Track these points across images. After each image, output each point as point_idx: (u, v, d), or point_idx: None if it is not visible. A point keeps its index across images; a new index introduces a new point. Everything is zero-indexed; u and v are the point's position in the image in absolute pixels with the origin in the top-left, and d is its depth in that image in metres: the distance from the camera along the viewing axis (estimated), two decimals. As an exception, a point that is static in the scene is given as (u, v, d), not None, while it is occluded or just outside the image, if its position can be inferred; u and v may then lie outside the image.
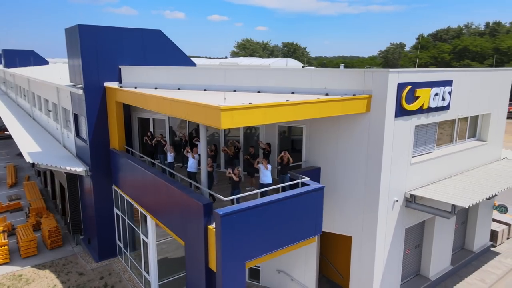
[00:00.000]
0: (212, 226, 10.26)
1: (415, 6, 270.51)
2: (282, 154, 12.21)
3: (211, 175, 12.18)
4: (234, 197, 10.50)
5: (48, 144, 21.36)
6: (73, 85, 17.59)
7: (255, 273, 15.92)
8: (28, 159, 17.40)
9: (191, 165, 12.84)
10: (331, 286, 15.99)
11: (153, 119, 16.65)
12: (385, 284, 13.99)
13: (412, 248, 15.77)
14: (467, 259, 18.25)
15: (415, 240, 15.90)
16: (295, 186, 11.95)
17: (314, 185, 11.64)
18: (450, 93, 14.27)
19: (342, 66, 24.02)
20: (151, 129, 16.70)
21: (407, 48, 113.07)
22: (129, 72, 16.48)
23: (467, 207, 12.36)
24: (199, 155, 13.30)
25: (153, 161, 15.12)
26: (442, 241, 16.57)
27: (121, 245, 17.47)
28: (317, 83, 13.08)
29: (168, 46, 17.81)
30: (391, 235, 13.69)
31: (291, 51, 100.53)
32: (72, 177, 19.09)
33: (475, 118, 17.18)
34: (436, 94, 13.71)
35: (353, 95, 12.31)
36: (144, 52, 17.13)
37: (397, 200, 13.51)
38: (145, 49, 17.15)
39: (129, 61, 16.76)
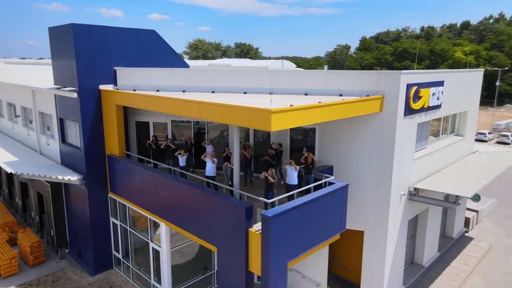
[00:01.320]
0: (254, 229, 10.22)
1: (351, 10, 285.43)
2: (306, 154, 12.44)
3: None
4: (277, 198, 10.53)
5: (21, 152, 19.62)
6: (58, 88, 16.42)
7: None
8: (9, 169, 15.92)
9: (210, 169, 12.62)
10: (338, 280, 16.55)
11: (153, 123, 16.02)
12: (393, 275, 14.79)
13: (409, 238, 16.82)
14: (450, 245, 19.85)
15: (411, 230, 16.99)
16: (319, 185, 12.24)
17: (339, 183, 12.05)
18: (442, 92, 15.45)
19: (326, 67, 24.66)
20: (151, 133, 16.06)
21: (352, 50, 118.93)
22: (125, 74, 15.71)
23: (470, 196, 13.52)
24: (217, 158, 13.13)
25: (167, 165, 14.60)
26: (433, 230, 17.87)
27: (120, 255, 16.59)
28: (330, 84, 13.47)
29: (163, 47, 17.24)
30: (398, 227, 14.52)
31: (244, 51, 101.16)
32: (57, 187, 17.75)
33: (454, 116, 18.72)
34: (434, 94, 14.78)
35: (367, 95, 12.89)
36: (139, 53, 16.42)
37: (403, 194, 14.37)
38: (140, 50, 16.45)
39: (124, 63, 15.97)
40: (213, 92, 14.54)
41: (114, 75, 15.79)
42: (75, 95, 14.90)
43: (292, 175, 11.77)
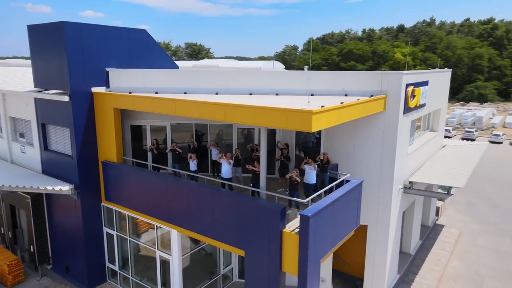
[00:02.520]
0: (288, 230, 10.29)
1: (289, 11, 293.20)
2: (322, 154, 12.73)
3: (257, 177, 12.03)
4: (312, 197, 10.66)
5: (-12, 162, 17.77)
6: (39, 91, 15.17)
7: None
8: (-14, 181, 14.38)
9: (227, 171, 12.44)
10: (337, 275, 17.08)
11: (151, 126, 15.34)
12: (391, 264, 15.63)
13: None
14: (427, 233, 21.36)
15: (402, 222, 18.03)
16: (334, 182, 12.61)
17: (355, 181, 12.50)
18: (427, 91, 16.60)
19: (306, 68, 25.30)
20: (148, 137, 15.39)
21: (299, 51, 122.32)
22: (119, 76, 14.88)
23: (462, 187, 14.70)
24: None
25: (171, 170, 14.13)
26: (417, 220, 19.13)
27: (116, 267, 15.69)
28: (335, 85, 13.88)
29: (153, 47, 16.57)
30: (396, 220, 15.36)
31: (196, 51, 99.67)
32: (38, 199, 16.35)
33: (429, 113, 20.17)
34: (423, 93, 15.84)
35: (371, 95, 13.48)
36: (129, 53, 15.63)
37: (401, 188, 15.24)
38: (131, 50, 15.67)
39: (115, 63, 15.11)
40: (217, 93, 14.28)
41: (106, 76, 14.90)
42: (66, 98, 13.83)
43: (310, 174, 11.99)
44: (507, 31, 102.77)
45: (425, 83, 16.11)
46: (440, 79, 19.32)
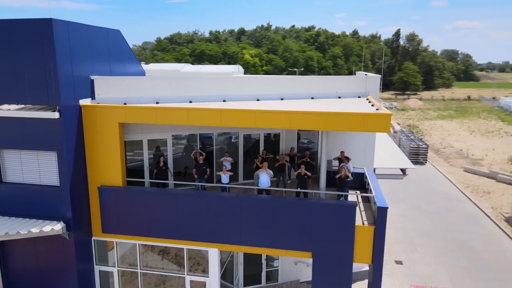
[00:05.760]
0: (361, 224, 11.23)
1: (108, 7, 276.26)
2: (340, 152, 13.95)
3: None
4: (365, 194, 11.71)
5: None
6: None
7: (272, 275, 16.43)
8: None
9: (267, 181, 12.39)
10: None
11: (148, 140, 13.48)
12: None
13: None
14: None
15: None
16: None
17: (371, 172, 14.22)
18: (371, 91, 19.68)
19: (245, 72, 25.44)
20: (145, 152, 13.51)
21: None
22: (106, 85, 12.57)
23: (415, 168, 18.23)
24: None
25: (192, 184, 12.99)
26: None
27: (117, 309, 13.34)
28: (330, 89, 15.25)
29: (127, 51, 14.50)
30: (369, 202, 17.90)
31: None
32: (-12, 249, 12.40)
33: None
34: (372, 92, 18.79)
35: (358, 97, 15.46)
36: (108, 58, 13.34)
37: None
38: (110, 54, 13.39)
39: (97, 70, 12.72)
40: (224, 101, 13.79)
41: (91, 86, 12.43)
42: (56, 115, 11.02)
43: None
44: (326, 38, 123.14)
45: (373, 85, 19.09)
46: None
